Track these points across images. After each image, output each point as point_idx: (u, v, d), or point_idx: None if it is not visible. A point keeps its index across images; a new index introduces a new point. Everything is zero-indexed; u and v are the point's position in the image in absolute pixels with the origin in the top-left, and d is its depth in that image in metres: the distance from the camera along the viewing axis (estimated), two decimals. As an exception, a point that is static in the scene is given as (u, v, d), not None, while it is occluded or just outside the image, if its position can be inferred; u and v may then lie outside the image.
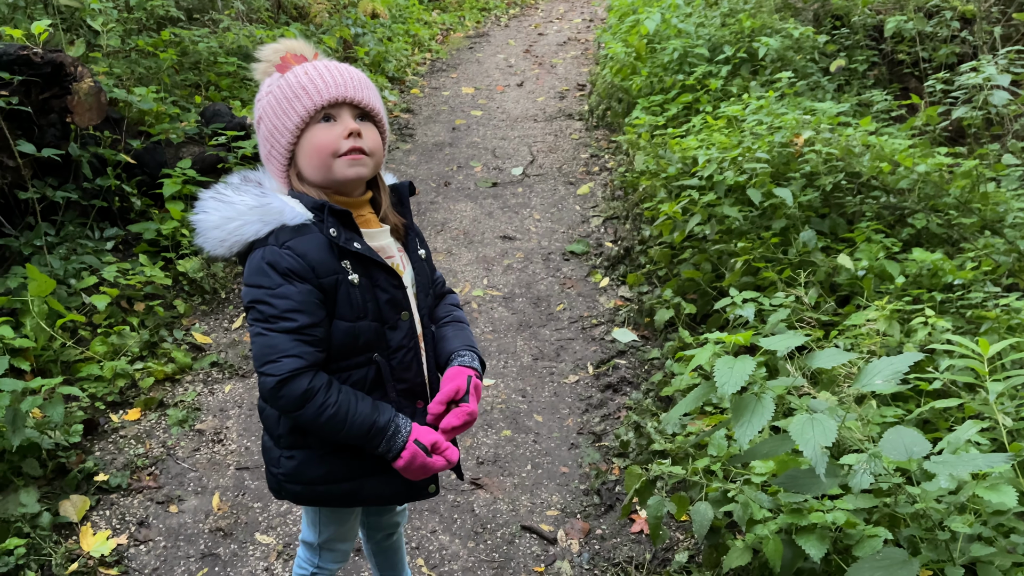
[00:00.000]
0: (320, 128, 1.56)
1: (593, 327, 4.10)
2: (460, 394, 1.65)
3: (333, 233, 1.54)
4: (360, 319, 1.59)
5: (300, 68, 1.57)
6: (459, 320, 1.85)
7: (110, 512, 2.90)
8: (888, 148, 3.93)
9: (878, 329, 3.09)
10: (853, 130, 4.21)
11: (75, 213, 4.26)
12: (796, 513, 2.16)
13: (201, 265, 4.18)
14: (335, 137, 1.55)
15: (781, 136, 4.15)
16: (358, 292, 1.58)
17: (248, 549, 2.75)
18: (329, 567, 1.99)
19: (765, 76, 5.77)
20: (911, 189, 3.91)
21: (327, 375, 1.57)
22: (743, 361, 1.49)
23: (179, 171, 4.48)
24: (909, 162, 3.85)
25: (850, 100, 5.44)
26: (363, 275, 1.59)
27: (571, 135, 6.79)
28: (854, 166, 3.99)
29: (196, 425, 3.34)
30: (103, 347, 3.57)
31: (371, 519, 2.11)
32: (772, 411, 1.45)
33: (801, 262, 3.70)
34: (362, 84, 1.59)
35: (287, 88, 1.55)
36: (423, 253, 1.77)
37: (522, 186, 5.80)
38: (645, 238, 4.55)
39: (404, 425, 1.61)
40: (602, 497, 2.97)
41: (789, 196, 3.69)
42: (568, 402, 3.54)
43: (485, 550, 2.76)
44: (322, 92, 1.54)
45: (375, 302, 1.61)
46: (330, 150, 1.55)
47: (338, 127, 1.56)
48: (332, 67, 1.58)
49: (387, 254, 1.67)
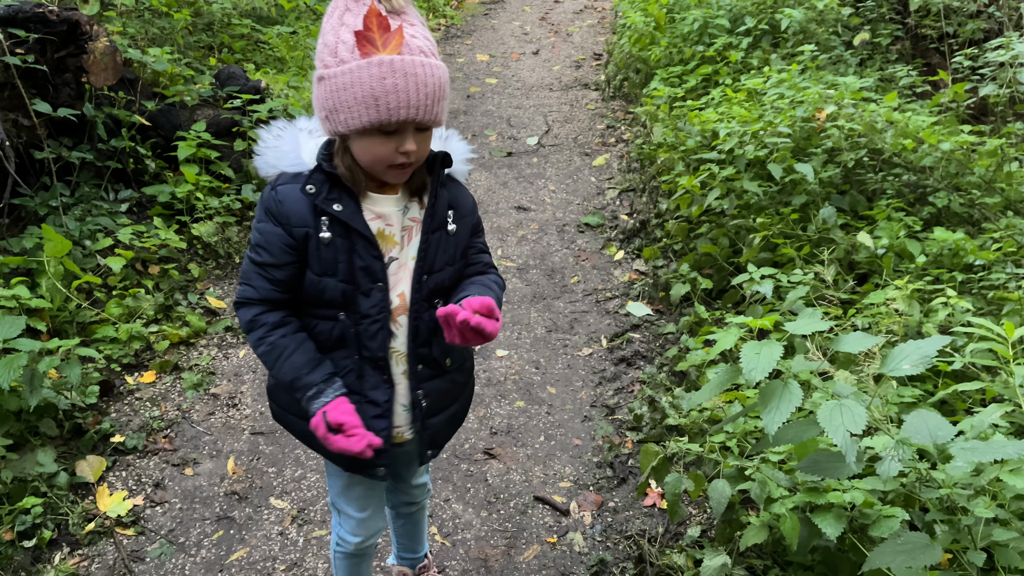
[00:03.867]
0: (376, 139, 1.49)
1: (607, 300, 4.08)
2: (491, 310, 1.53)
3: (310, 190, 1.56)
4: (327, 276, 1.60)
5: (384, 65, 1.41)
6: (484, 284, 1.74)
7: (126, 473, 2.92)
8: (912, 125, 3.87)
9: (897, 309, 3.07)
10: (876, 106, 4.14)
11: (90, 174, 4.24)
12: (813, 492, 2.15)
13: (216, 229, 4.17)
14: (390, 152, 1.49)
15: (803, 111, 4.09)
16: (328, 251, 1.58)
17: (263, 513, 2.77)
18: (346, 538, 1.97)
19: (787, 49, 5.68)
20: (934, 167, 3.86)
21: (285, 315, 1.65)
22: (770, 346, 1.47)
23: (193, 134, 4.45)
24: (934, 139, 3.79)
25: (873, 75, 5.35)
26: (341, 236, 1.57)
27: (587, 105, 6.72)
28: (876, 143, 3.94)
29: (211, 389, 3.35)
30: (118, 309, 3.58)
31: (391, 483, 2.11)
32: (800, 397, 1.43)
33: (820, 239, 3.67)
34: (436, 97, 1.47)
35: (360, 86, 1.43)
36: (453, 228, 1.69)
37: (537, 156, 5.75)
38: (662, 211, 4.51)
39: (327, 393, 1.61)
40: (615, 470, 2.97)
41: (810, 172, 3.65)
42: (582, 375, 3.54)
43: (498, 520, 2.77)
44: (393, 112, 1.43)
45: (348, 264, 1.59)
46: (382, 162, 1.52)
47: (396, 142, 1.49)
48: (412, 76, 1.43)
49: (386, 222, 1.62)
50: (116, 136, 4.29)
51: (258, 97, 4.95)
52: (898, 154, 3.96)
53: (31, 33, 3.70)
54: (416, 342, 1.68)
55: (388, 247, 1.63)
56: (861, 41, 5.34)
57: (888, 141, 3.91)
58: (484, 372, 3.54)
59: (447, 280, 1.71)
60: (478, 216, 1.79)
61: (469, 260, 1.78)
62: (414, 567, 2.31)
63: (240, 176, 4.71)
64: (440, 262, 1.68)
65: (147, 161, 4.40)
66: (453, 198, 1.70)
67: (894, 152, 3.92)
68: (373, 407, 1.68)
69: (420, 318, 1.67)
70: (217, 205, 4.33)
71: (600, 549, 2.64)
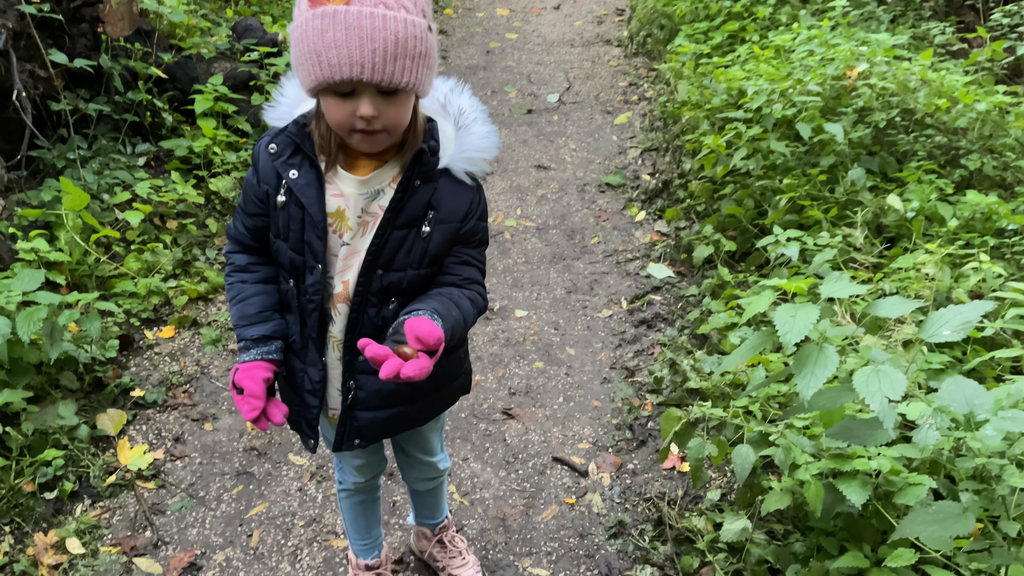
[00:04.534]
0: (334, 100, 1.36)
1: (628, 261, 4.02)
2: (431, 345, 1.35)
3: (272, 150, 1.51)
4: (279, 239, 1.57)
5: (326, 17, 1.28)
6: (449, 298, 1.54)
7: (146, 427, 2.93)
8: (947, 84, 3.75)
9: (928, 274, 3.00)
10: (910, 64, 4.02)
11: (107, 127, 4.21)
12: (838, 458, 2.12)
13: (234, 184, 4.13)
14: (347, 115, 1.36)
15: (833, 69, 3.97)
16: (283, 215, 1.53)
17: (282, 469, 2.77)
18: (345, 477, 2.02)
19: (816, 4, 5.51)
20: (968, 128, 3.75)
21: (253, 260, 1.66)
22: (806, 309, 1.42)
23: (211, 87, 4.39)
24: (969, 99, 3.68)
25: (905, 32, 5.19)
26: (296, 204, 1.51)
27: (609, 62, 6.58)
28: (909, 102, 3.82)
29: (229, 345, 3.34)
30: (137, 264, 3.57)
31: (400, 458, 2.09)
32: (836, 362, 1.39)
33: (848, 201, 3.58)
34: (391, 54, 1.29)
35: (306, 40, 1.31)
36: (427, 231, 1.52)
37: (558, 114, 5.66)
38: (685, 172, 4.42)
39: (251, 352, 1.60)
40: (634, 432, 2.95)
41: (840, 132, 3.55)
42: (601, 336, 3.50)
43: (516, 479, 2.76)
44: (335, 69, 1.29)
45: (299, 235, 1.53)
46: (342, 125, 1.39)
47: (352, 104, 1.35)
48: (355, 28, 1.27)
49: (345, 203, 1.51)
50: (133, 89, 4.24)
51: (276, 50, 4.87)
52: (931, 114, 3.85)
53: (46, -19, 3.64)
54: (356, 334, 1.58)
55: (343, 229, 1.53)
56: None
57: (921, 101, 3.80)
58: (503, 332, 3.51)
59: (407, 283, 1.55)
60: (475, 225, 1.58)
61: (446, 269, 1.59)
62: (433, 528, 2.31)
63: (257, 131, 4.65)
64: (400, 262, 1.54)
65: (164, 114, 4.35)
66: (438, 198, 1.52)
67: (927, 112, 3.81)
68: (309, 382, 1.68)
69: (364, 312, 1.57)
70: (234, 160, 4.28)
71: (619, 511, 2.63)
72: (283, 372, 1.72)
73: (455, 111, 1.57)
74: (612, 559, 2.45)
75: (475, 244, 1.62)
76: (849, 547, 2.18)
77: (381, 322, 1.59)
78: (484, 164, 1.57)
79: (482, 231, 1.62)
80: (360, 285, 1.55)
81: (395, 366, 1.32)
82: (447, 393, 1.85)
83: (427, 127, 1.53)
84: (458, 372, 1.84)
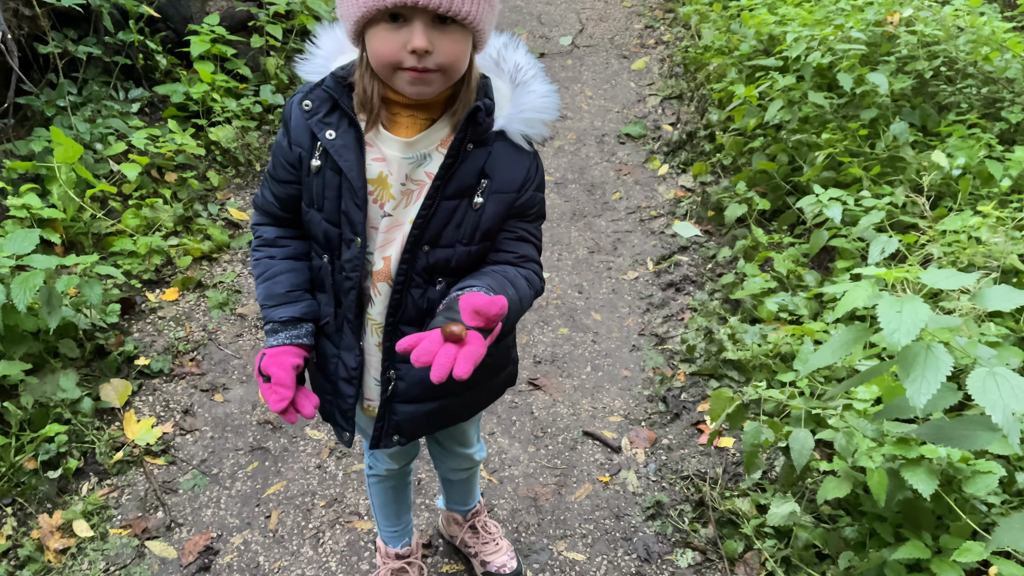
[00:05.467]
0: (383, 31, 1.19)
1: (652, 219, 3.84)
2: (491, 318, 1.17)
3: (306, 107, 1.33)
4: (313, 208, 1.40)
5: None
6: (505, 276, 1.36)
7: (153, 398, 2.77)
8: (997, 33, 3.52)
9: (979, 238, 2.83)
10: (953, 9, 3.77)
11: (97, 70, 3.94)
12: (903, 445, 1.98)
13: (235, 134, 3.89)
14: (397, 48, 1.19)
15: (873, 13, 3.73)
16: (317, 181, 1.36)
17: (299, 444, 2.63)
18: (376, 463, 1.89)
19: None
20: (1016, 80, 3.53)
21: (283, 234, 1.50)
22: (913, 304, 1.25)
23: (207, 28, 4.11)
24: (1020, 48, 3.46)
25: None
26: (332, 169, 1.34)
27: (623, 2, 6.27)
28: (952, 51, 3.60)
29: (237, 309, 3.16)
30: (135, 220, 3.36)
31: (434, 448, 1.94)
32: (950, 364, 1.22)
33: (890, 158, 3.39)
34: None
35: None
36: (479, 202, 1.35)
37: (571, 58, 5.38)
38: (711, 123, 4.20)
39: (280, 336, 1.45)
40: (667, 404, 2.81)
41: (884, 83, 3.33)
42: (627, 300, 3.34)
43: (547, 456, 2.62)
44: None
45: (335, 203, 1.36)
46: (390, 61, 1.21)
47: (403, 35, 1.18)
48: None
49: (388, 168, 1.34)
50: (123, 29, 3.96)
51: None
52: (974, 64, 3.63)
53: (27, -90, 3.33)
54: (398, 317, 1.42)
55: (384, 198, 1.35)
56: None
57: (966, 50, 3.58)
58: (524, 295, 3.34)
59: (456, 260, 1.38)
60: (531, 196, 1.40)
61: (499, 245, 1.41)
62: (465, 514, 2.18)
63: (258, 75, 4.39)
64: (449, 236, 1.36)
65: (158, 57, 4.08)
66: (492, 164, 1.34)
67: (971, 62, 3.59)
68: (344, 369, 1.51)
69: (408, 292, 1.40)
70: (235, 108, 4.03)
71: (655, 490, 2.50)
72: (314, 358, 1.55)
73: (510, 67, 1.37)
74: (651, 542, 2.33)
75: (531, 218, 1.44)
76: (906, 534, 2.06)
77: (426, 304, 1.42)
78: (542, 127, 1.37)
79: (539, 203, 1.44)
80: (404, 262, 1.37)
81: (446, 366, 1.12)
82: (494, 385, 1.68)
83: (480, 83, 1.33)
84: (506, 362, 1.67)
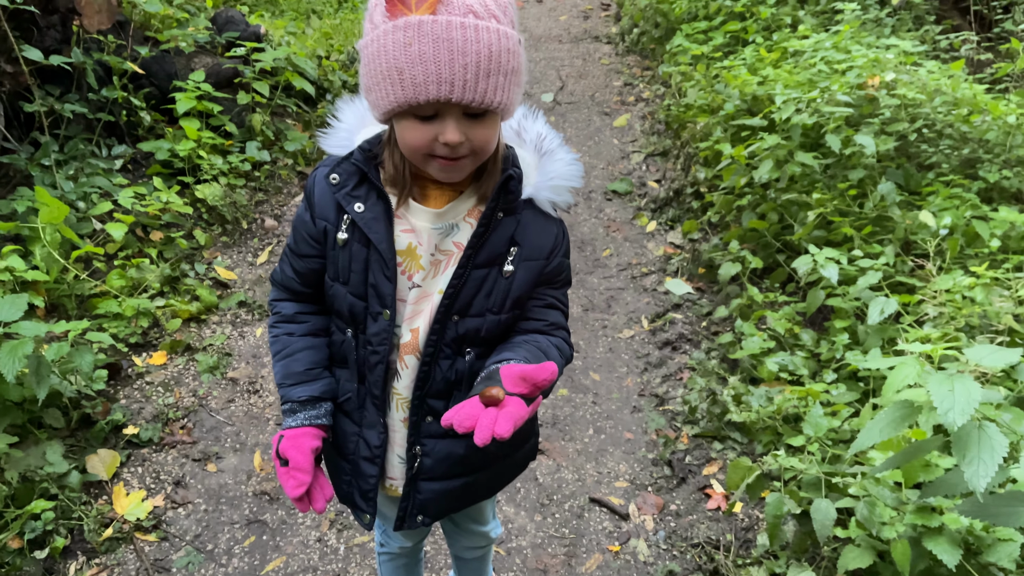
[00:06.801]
0: (413, 123, 1.17)
1: (644, 276, 3.84)
2: (539, 384, 1.15)
3: (334, 180, 1.32)
4: (338, 283, 1.36)
5: (410, 29, 1.10)
6: (537, 346, 1.34)
7: (142, 469, 2.65)
8: (978, 96, 3.63)
9: (974, 298, 2.87)
10: (933, 73, 3.89)
11: (79, 127, 3.86)
12: (924, 514, 1.97)
13: (224, 192, 3.83)
14: (428, 140, 1.17)
15: (855, 76, 3.83)
16: (343, 254, 1.33)
17: (297, 516, 2.53)
18: (388, 540, 1.84)
19: (817, 6, 5.38)
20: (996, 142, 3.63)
21: (302, 309, 1.46)
22: (964, 383, 1.24)
23: (192, 84, 4.08)
24: (999, 111, 3.57)
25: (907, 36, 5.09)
26: (360, 242, 1.31)
27: (600, 60, 6.38)
28: (931, 115, 3.70)
29: (228, 373, 3.07)
30: (121, 281, 3.26)
31: (448, 527, 1.88)
32: (1006, 445, 1.21)
33: (878, 217, 3.44)
34: (484, 70, 1.12)
35: (384, 56, 1.12)
36: (509, 270, 1.32)
37: (554, 114, 5.44)
38: (698, 180, 4.25)
39: (298, 417, 1.40)
40: (673, 468, 2.77)
41: (871, 143, 3.40)
42: (625, 359, 3.31)
43: (554, 524, 2.56)
44: (420, 89, 1.11)
45: (362, 276, 1.33)
46: (419, 151, 1.20)
47: (435, 127, 1.16)
48: (445, 41, 1.09)
49: (418, 239, 1.32)
50: (107, 85, 3.91)
51: (260, 46, 4.56)
52: (950, 125, 3.73)
53: (17, -31, 3.29)
54: (425, 391, 1.39)
55: (413, 269, 1.33)
56: (900, 1, 5.06)
57: (948, 111, 3.68)
58: (521, 355, 3.30)
59: (486, 330, 1.35)
60: (560, 263, 1.38)
61: (528, 313, 1.39)
62: (478, 591, 2.10)
63: (243, 132, 4.35)
64: (479, 306, 1.34)
65: (141, 113, 4.02)
66: (522, 232, 1.33)
67: (948, 124, 3.69)
68: (366, 447, 1.45)
69: (436, 364, 1.37)
70: (222, 165, 3.98)
71: (666, 558, 2.45)
72: (330, 438, 1.49)
73: (533, 137, 1.37)
74: (666, 615, 2.27)
75: (559, 284, 1.42)
76: (927, 604, 2.04)
77: (454, 376, 1.38)
78: (568, 194, 1.37)
79: (566, 269, 1.43)
80: (433, 333, 1.34)
81: (488, 427, 1.08)
82: (518, 458, 1.63)
83: (506, 153, 1.33)
84: (530, 433, 1.63)
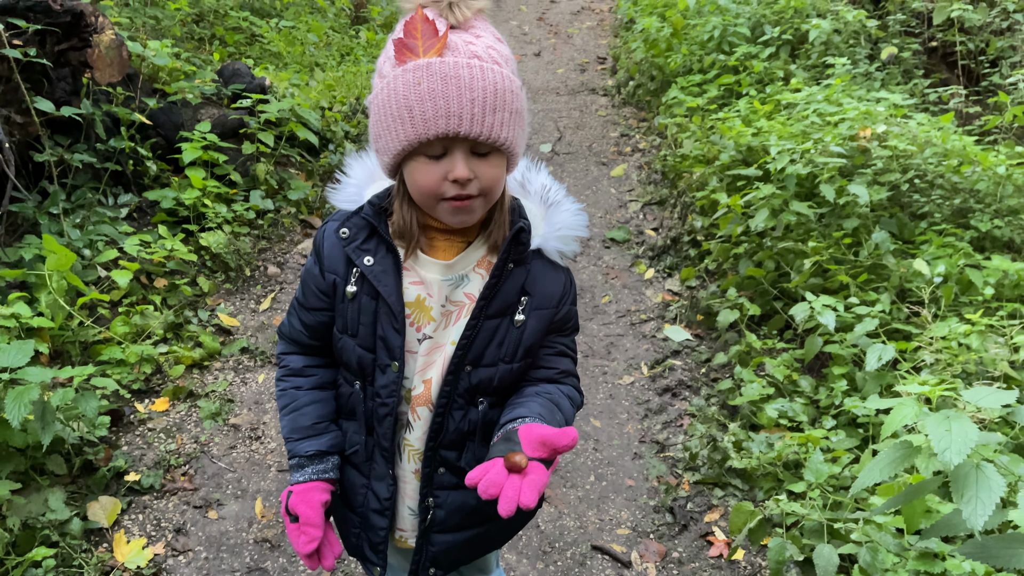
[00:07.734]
0: (422, 163, 1.22)
1: (642, 323, 3.88)
2: (559, 450, 1.18)
3: (343, 235, 1.35)
4: (346, 335, 1.38)
5: (419, 70, 1.16)
6: (550, 398, 1.37)
7: (143, 516, 2.65)
8: (968, 147, 3.73)
9: (970, 345, 2.91)
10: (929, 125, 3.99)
11: (87, 176, 3.93)
12: (927, 560, 1.98)
13: (228, 240, 3.88)
14: (438, 180, 1.21)
15: (847, 128, 3.92)
16: (352, 307, 1.36)
17: (299, 565, 2.52)
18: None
19: (808, 60, 5.52)
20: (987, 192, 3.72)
21: (310, 363, 1.48)
22: (961, 422, 1.27)
23: (199, 135, 4.16)
24: (989, 162, 3.66)
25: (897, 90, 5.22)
26: (368, 295, 1.35)
27: (597, 111, 6.51)
28: (923, 165, 3.79)
29: (230, 419, 3.08)
30: (124, 328, 3.29)
31: None
32: (1003, 485, 1.24)
33: (873, 265, 3.50)
34: (490, 105, 1.17)
35: (395, 97, 1.18)
36: (520, 319, 1.36)
37: (552, 164, 5.54)
38: (695, 229, 4.31)
39: (306, 472, 1.42)
40: (675, 515, 2.77)
41: (864, 193, 3.48)
42: (625, 406, 3.33)
43: (556, 572, 2.55)
44: (430, 123, 1.16)
45: (371, 329, 1.36)
46: (432, 193, 1.23)
47: (444, 166, 1.21)
48: (453, 79, 1.16)
49: (427, 290, 1.35)
50: (114, 136, 3.99)
51: (266, 97, 4.67)
52: (941, 176, 3.82)
53: (32, 24, 3.38)
54: (438, 442, 1.40)
55: (422, 321, 1.36)
56: (889, 55, 5.20)
57: (939, 162, 3.77)
58: (522, 401, 3.32)
59: (499, 379, 1.37)
60: (569, 311, 1.42)
61: (539, 361, 1.42)
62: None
63: (247, 181, 4.42)
64: (492, 356, 1.36)
65: (147, 163, 4.09)
66: (532, 282, 1.36)
67: (942, 174, 3.78)
68: (376, 500, 1.45)
69: (449, 415, 1.38)
70: (226, 213, 4.04)
71: (670, 607, 2.44)
72: (338, 491, 1.51)
73: (537, 188, 1.44)
74: (670, 664, 2.26)
75: (568, 331, 1.46)
76: (933, 652, 2.03)
77: (467, 427, 1.40)
78: (575, 243, 1.42)
79: (574, 316, 1.47)
80: (447, 384, 1.36)
81: (513, 498, 1.11)
82: (521, 516, 1.64)
83: (513, 204, 1.37)
84: None
